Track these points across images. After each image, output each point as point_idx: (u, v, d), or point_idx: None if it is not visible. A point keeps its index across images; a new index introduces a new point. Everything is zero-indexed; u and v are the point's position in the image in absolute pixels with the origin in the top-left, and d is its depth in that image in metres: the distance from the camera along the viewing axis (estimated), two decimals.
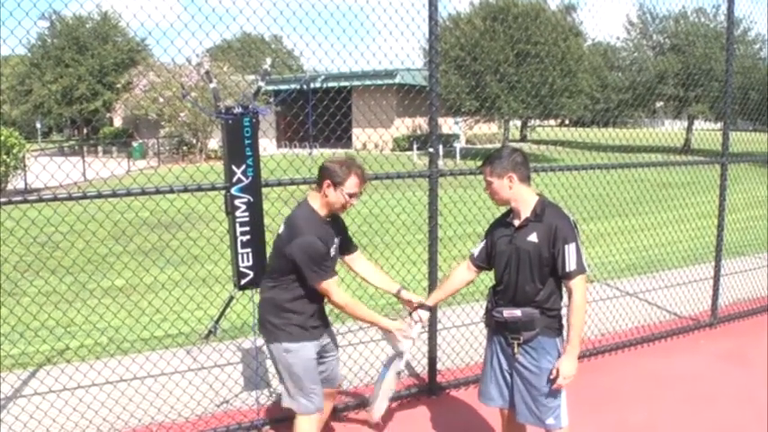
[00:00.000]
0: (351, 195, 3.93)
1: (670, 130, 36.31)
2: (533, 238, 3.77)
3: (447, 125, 37.98)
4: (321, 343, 4.21)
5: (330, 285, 3.95)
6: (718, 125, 7.41)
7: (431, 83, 5.34)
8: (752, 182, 10.56)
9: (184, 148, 36.61)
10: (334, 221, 4.16)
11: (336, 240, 4.12)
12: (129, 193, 4.52)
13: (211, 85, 4.74)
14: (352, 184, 3.91)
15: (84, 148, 34.80)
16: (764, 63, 37.73)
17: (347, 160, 3.99)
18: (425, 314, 4.32)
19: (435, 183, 5.42)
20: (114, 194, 4.48)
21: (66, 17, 44.92)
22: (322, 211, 4.00)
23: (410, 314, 4.36)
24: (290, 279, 3.99)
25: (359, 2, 5.46)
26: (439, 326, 5.91)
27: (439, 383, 5.81)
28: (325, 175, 3.93)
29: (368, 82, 30.62)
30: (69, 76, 46.11)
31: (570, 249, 3.74)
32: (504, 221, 3.99)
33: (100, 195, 4.45)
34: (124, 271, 7.55)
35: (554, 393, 3.87)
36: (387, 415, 5.42)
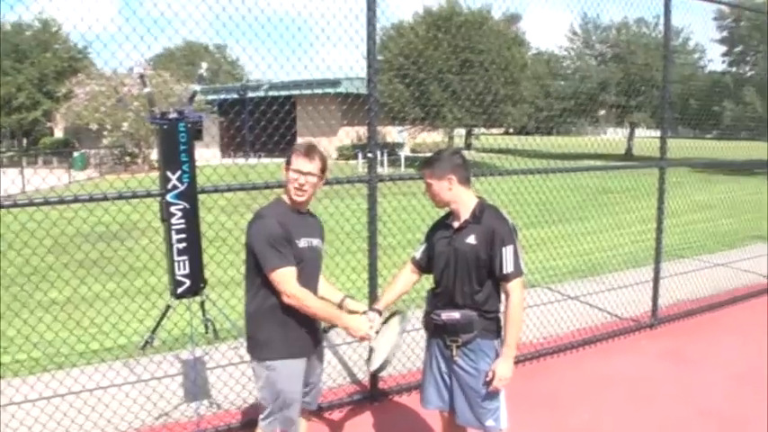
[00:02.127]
0: (294, 171, 3.69)
1: (612, 138, 36.99)
2: (472, 240, 3.77)
3: (391, 136, 38.16)
4: (309, 360, 3.93)
5: (281, 275, 3.59)
6: (659, 132, 7.55)
7: (369, 87, 5.31)
8: (692, 187, 10.81)
9: (127, 158, 36.07)
10: (315, 223, 3.98)
11: (314, 239, 3.85)
12: (62, 201, 4.40)
13: (146, 90, 4.66)
14: (293, 159, 3.72)
15: (24, 160, 34.01)
16: (703, 72, 38.77)
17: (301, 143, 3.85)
18: (376, 317, 4.22)
19: (374, 188, 5.39)
20: (46, 202, 4.35)
21: (4, 23, 44.04)
22: (291, 201, 3.79)
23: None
24: (263, 283, 3.70)
25: (296, 6, 5.42)
26: None
27: (381, 389, 5.78)
28: None
29: (311, 91, 30.59)
30: (8, 84, 45.12)
31: (508, 252, 3.75)
32: (443, 223, 3.99)
33: (31, 203, 4.32)
34: (58, 282, 7.36)
35: (493, 395, 3.87)
36: (329, 423, 5.38)
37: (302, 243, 3.73)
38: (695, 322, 7.99)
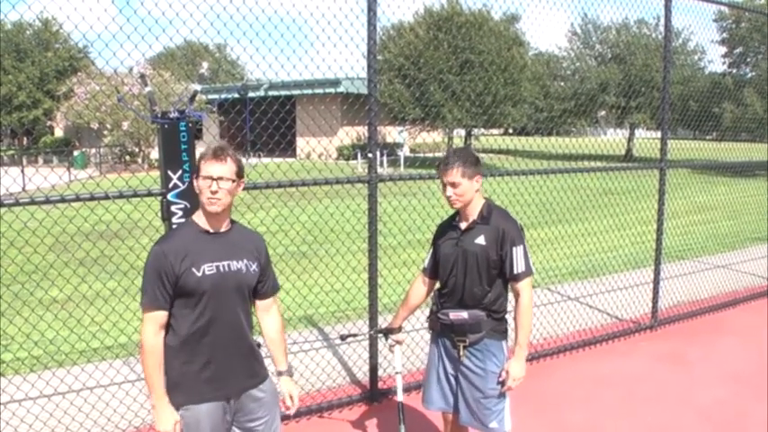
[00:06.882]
0: (204, 178, 3.14)
1: (612, 139, 37.01)
2: (481, 240, 3.77)
3: (391, 136, 38.24)
4: (235, 402, 3.29)
5: (145, 317, 3.09)
6: (659, 134, 7.55)
7: (369, 88, 5.31)
8: (692, 188, 10.79)
9: (127, 157, 36.10)
10: (243, 242, 3.35)
11: (236, 262, 3.24)
12: (63, 200, 4.40)
13: (147, 89, 4.65)
14: (201, 165, 3.18)
15: (24, 159, 33.98)
16: (703, 73, 38.75)
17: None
18: (400, 336, 4.30)
19: (374, 188, 5.39)
20: (48, 201, 4.35)
21: (5, 22, 44.01)
22: (205, 219, 3.24)
23: (389, 348, 4.37)
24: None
25: (296, 6, 5.43)
26: None
27: (381, 390, 5.77)
28: None
29: (311, 91, 30.63)
30: (9, 83, 45.10)
31: (518, 252, 3.76)
32: (450, 225, 3.98)
33: (33, 202, 4.31)
34: (59, 280, 7.37)
35: (498, 397, 3.86)
36: (329, 423, 5.38)
37: (207, 269, 3.15)
38: (695, 324, 7.99)
